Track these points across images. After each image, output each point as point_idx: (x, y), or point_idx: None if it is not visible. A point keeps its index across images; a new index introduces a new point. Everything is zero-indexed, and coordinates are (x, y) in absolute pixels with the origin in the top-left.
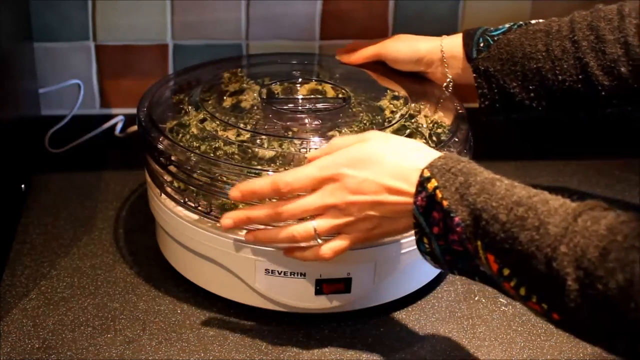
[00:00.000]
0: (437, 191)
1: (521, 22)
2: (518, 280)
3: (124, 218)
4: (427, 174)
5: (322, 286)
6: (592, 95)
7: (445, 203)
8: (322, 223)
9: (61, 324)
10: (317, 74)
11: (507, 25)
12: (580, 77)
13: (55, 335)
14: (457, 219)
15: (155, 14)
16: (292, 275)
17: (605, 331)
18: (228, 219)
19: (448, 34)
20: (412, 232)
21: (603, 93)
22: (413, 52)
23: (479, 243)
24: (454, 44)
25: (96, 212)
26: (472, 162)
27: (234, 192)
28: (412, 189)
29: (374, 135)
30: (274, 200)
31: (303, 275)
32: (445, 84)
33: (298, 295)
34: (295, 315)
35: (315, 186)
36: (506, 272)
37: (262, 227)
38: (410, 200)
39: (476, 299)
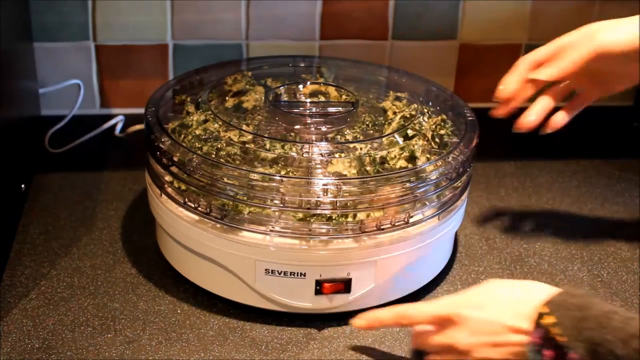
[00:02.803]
0: (555, 328)
1: None
2: None
3: (124, 218)
4: (545, 310)
5: (322, 286)
6: None
7: (561, 339)
8: None
9: (61, 324)
10: (320, 74)
11: None
12: None
13: (55, 335)
14: (574, 356)
15: (155, 14)
16: (292, 276)
17: None
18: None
19: (448, 34)
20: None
21: None
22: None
23: None
24: None
25: (96, 212)
26: (586, 295)
27: (359, 322)
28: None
29: (490, 280)
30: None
31: (303, 275)
32: None
33: (298, 295)
34: (295, 315)
35: (435, 322)
36: None
37: None
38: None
39: None
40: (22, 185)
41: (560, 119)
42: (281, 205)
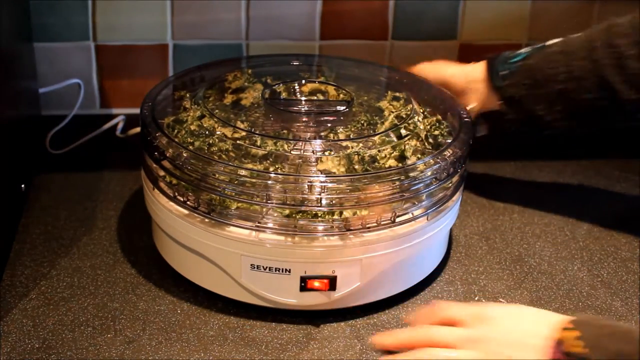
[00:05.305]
0: (578, 341)
1: (538, 45)
2: None
3: (124, 218)
4: (569, 325)
5: (307, 283)
6: (619, 110)
7: (584, 351)
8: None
9: (61, 324)
10: (322, 73)
11: (524, 51)
12: (604, 94)
13: (55, 335)
14: None
15: (155, 14)
16: (277, 272)
17: None
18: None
19: (448, 34)
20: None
21: (629, 107)
22: (438, 76)
23: None
24: (477, 71)
25: (96, 212)
26: (608, 318)
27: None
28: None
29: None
30: None
31: (288, 271)
32: (469, 108)
33: (283, 291)
34: (296, 314)
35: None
36: None
37: None
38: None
39: (476, 298)
40: (22, 186)
41: None
42: (268, 201)
